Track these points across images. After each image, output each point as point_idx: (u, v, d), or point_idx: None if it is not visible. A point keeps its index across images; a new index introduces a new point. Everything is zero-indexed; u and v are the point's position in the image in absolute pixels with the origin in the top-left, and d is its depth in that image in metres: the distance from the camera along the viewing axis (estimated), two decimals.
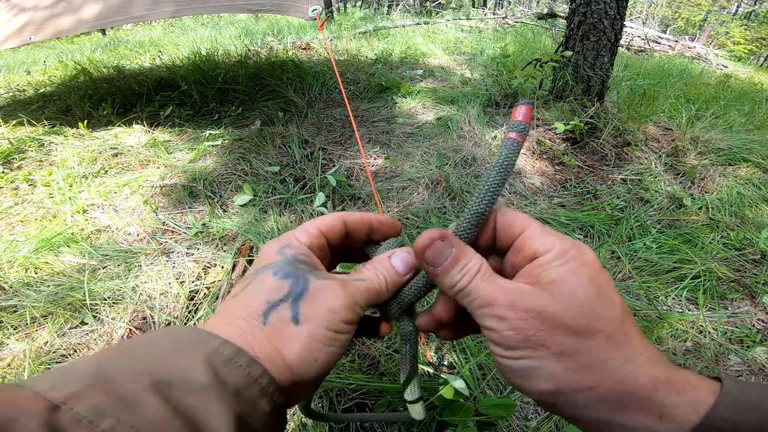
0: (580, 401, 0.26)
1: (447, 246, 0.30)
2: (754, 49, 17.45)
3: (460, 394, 0.86)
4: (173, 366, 0.23)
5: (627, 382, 0.26)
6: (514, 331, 0.26)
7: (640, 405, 0.25)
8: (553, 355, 0.26)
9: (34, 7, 2.01)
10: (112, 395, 0.20)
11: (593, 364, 0.26)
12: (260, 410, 0.25)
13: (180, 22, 7.11)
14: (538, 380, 0.27)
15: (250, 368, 0.25)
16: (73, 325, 1.13)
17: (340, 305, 0.29)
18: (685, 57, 6.12)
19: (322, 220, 0.35)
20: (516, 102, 0.29)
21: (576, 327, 0.26)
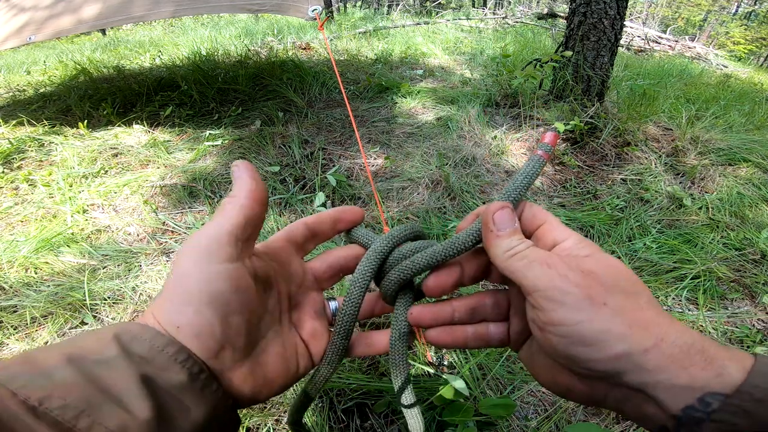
0: (649, 364, 0.25)
1: (513, 217, 0.32)
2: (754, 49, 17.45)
3: (460, 394, 0.86)
4: (86, 345, 0.26)
5: (685, 336, 0.26)
6: (578, 288, 0.27)
7: (699, 358, 0.25)
8: (615, 313, 0.26)
9: (33, 7, 2.01)
10: (28, 366, 0.23)
11: (649, 322, 0.26)
12: (173, 377, 0.26)
13: (180, 22, 7.11)
14: (608, 344, 0.26)
15: (154, 341, 0.26)
16: (73, 325, 1.13)
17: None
18: (685, 57, 6.12)
19: (285, 228, 0.38)
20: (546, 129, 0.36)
21: (626, 288, 0.27)
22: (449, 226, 1.53)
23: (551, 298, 0.27)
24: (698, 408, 0.24)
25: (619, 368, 0.26)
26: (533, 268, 0.28)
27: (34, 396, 0.21)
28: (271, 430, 0.87)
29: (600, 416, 0.96)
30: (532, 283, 0.28)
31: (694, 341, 0.26)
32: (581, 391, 0.30)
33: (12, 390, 0.21)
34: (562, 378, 0.31)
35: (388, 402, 0.91)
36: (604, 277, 0.27)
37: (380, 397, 0.93)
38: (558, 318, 0.27)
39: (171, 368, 0.26)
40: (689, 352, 0.26)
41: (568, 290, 0.27)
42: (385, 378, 0.97)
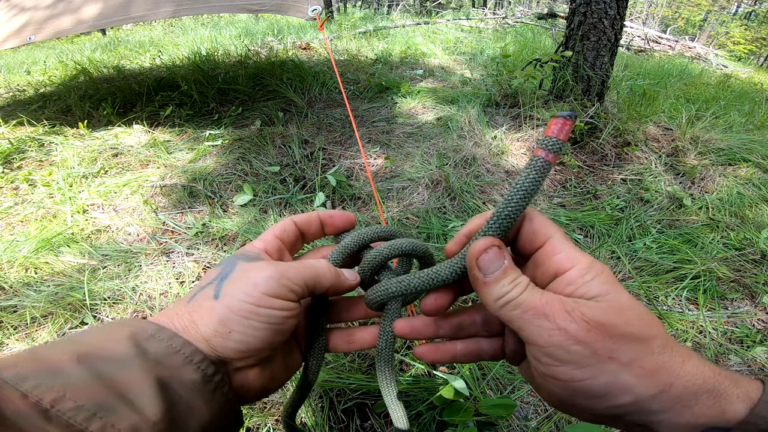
0: (654, 407, 0.25)
1: (500, 256, 0.28)
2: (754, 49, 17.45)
3: (460, 394, 0.86)
4: (98, 342, 0.25)
5: (695, 378, 0.25)
6: (581, 345, 0.25)
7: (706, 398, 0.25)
8: (623, 366, 0.25)
9: (33, 7, 2.01)
10: (38, 365, 0.23)
11: (659, 367, 0.25)
12: (187, 377, 0.26)
13: (180, 22, 7.11)
14: (614, 396, 0.25)
15: (171, 341, 0.27)
16: (73, 325, 1.13)
17: (263, 277, 0.29)
18: (685, 57, 6.12)
19: (277, 226, 0.37)
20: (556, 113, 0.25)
21: (636, 335, 0.25)
22: (449, 227, 1.53)
23: (551, 355, 0.26)
24: None
25: (624, 413, 0.26)
26: (529, 321, 0.26)
27: (46, 398, 0.21)
28: (271, 430, 0.87)
29: None
30: (529, 337, 0.26)
31: (705, 381, 0.25)
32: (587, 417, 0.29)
33: (23, 391, 0.21)
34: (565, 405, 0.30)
35: None
36: (612, 326, 0.25)
37: (380, 397, 0.93)
38: (559, 374, 0.26)
39: (185, 368, 0.26)
40: (697, 393, 0.25)
41: (569, 349, 0.25)
42: None
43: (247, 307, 0.28)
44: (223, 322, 0.28)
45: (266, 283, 0.29)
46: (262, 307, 0.28)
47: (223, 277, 0.30)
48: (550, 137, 0.26)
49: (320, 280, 0.33)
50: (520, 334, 0.27)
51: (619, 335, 0.25)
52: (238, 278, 0.29)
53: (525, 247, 0.31)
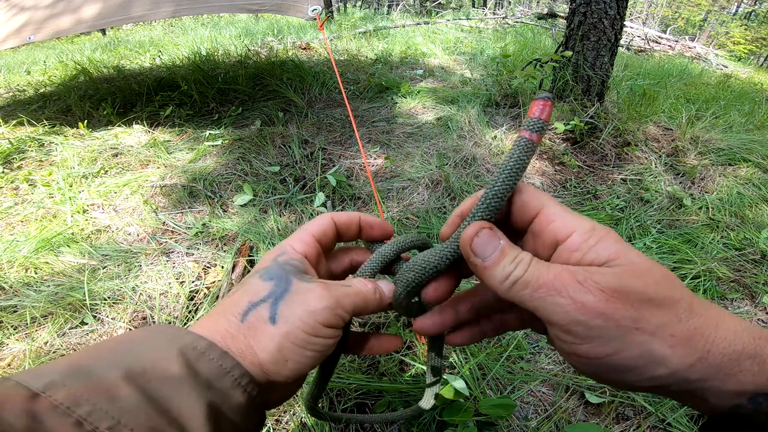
0: (693, 376, 0.23)
1: (494, 237, 0.27)
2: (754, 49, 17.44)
3: (460, 394, 0.86)
4: (148, 358, 0.24)
5: (733, 343, 0.23)
6: (601, 318, 0.23)
7: (750, 364, 0.23)
8: (652, 336, 0.23)
9: (33, 6, 2.01)
10: (89, 385, 0.21)
11: (692, 334, 0.23)
12: (234, 401, 0.26)
13: (180, 22, 7.11)
14: (649, 369, 0.23)
15: (222, 361, 0.26)
16: (73, 325, 1.13)
17: (321, 306, 0.28)
18: (685, 57, 6.12)
19: (314, 225, 0.35)
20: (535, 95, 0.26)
21: (659, 299, 0.23)
22: None
23: (572, 332, 0.24)
24: (747, 406, 0.23)
25: (663, 383, 0.24)
26: (542, 299, 0.24)
27: (102, 425, 0.20)
28: (271, 430, 0.87)
29: (600, 416, 0.96)
30: (545, 316, 0.25)
31: (745, 346, 0.23)
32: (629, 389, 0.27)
33: (77, 418, 0.20)
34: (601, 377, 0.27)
35: (388, 402, 0.91)
36: (631, 292, 0.23)
37: (380, 397, 0.93)
38: (584, 352, 0.24)
39: (234, 392, 0.26)
40: (738, 359, 0.23)
41: (590, 324, 0.23)
42: (385, 378, 0.97)
43: (305, 337, 0.28)
44: (281, 351, 0.27)
45: (324, 313, 0.28)
46: (318, 336, 0.28)
47: (278, 297, 0.29)
48: (532, 118, 0.26)
49: (367, 307, 0.32)
50: (537, 314, 0.25)
51: (640, 302, 0.23)
52: (295, 302, 0.29)
53: (519, 221, 0.29)
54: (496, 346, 1.09)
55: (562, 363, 1.07)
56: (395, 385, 0.93)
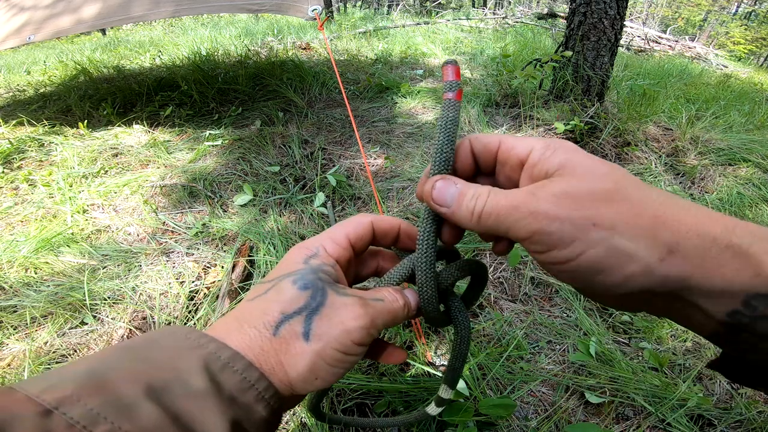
0: (671, 272, 0.22)
1: (450, 183, 0.28)
2: (754, 49, 17.45)
3: (460, 394, 0.86)
4: (170, 369, 0.23)
5: (702, 232, 0.22)
6: (557, 222, 0.23)
7: (730, 257, 0.22)
8: (611, 230, 0.23)
9: (33, 6, 2.01)
10: (106, 398, 0.20)
11: (654, 224, 0.23)
12: (257, 415, 0.25)
13: (180, 22, 7.11)
14: (620, 267, 0.23)
15: (246, 373, 0.25)
16: (73, 325, 1.13)
17: (357, 326, 0.27)
18: (685, 57, 6.12)
19: (352, 228, 0.33)
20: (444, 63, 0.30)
21: (609, 194, 0.23)
22: None
23: (537, 243, 0.24)
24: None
25: (643, 285, 0.23)
26: (505, 221, 0.25)
27: None
28: None
29: (600, 416, 0.96)
30: (514, 236, 0.26)
31: (716, 236, 0.22)
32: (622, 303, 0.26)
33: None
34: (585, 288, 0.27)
35: (387, 402, 0.91)
36: (579, 191, 0.23)
37: (380, 397, 0.93)
38: (555, 258, 0.24)
39: (257, 406, 0.25)
40: (714, 249, 0.22)
41: (549, 229, 0.23)
42: (385, 378, 0.97)
43: (338, 355, 0.27)
44: (313, 370, 0.26)
45: (358, 333, 0.27)
46: (349, 354, 0.28)
47: (313, 311, 0.27)
48: (447, 81, 0.30)
49: (395, 322, 0.32)
50: (511, 238, 0.27)
51: (592, 200, 0.23)
52: (330, 318, 0.27)
53: (486, 161, 0.30)
54: (496, 346, 1.09)
55: (562, 363, 1.07)
56: (395, 385, 0.93)
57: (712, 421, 0.94)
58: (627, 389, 0.98)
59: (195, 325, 1.13)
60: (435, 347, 1.08)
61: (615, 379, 1.01)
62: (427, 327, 1.12)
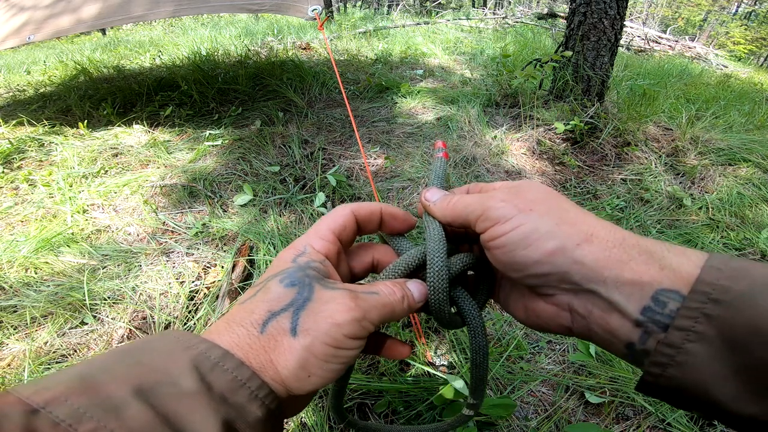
0: (586, 258, 0.26)
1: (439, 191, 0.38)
2: (754, 49, 17.44)
3: (460, 394, 0.86)
4: (159, 370, 0.23)
5: (615, 232, 0.27)
6: (505, 202, 0.30)
7: (638, 254, 0.26)
8: (541, 216, 0.28)
9: (33, 6, 2.01)
10: (94, 399, 0.20)
11: (576, 220, 0.28)
12: (251, 415, 0.24)
13: (180, 22, 7.11)
14: (540, 242, 0.28)
15: (237, 372, 0.25)
16: (73, 325, 1.13)
17: (346, 319, 0.27)
18: (685, 57, 6.12)
19: (334, 220, 0.34)
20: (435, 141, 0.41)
21: (548, 198, 0.30)
22: None
23: (487, 217, 0.30)
24: (656, 309, 0.24)
25: (560, 266, 0.27)
26: (469, 203, 0.32)
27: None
28: None
29: (600, 416, 0.96)
30: (473, 214, 0.31)
31: (625, 236, 0.27)
32: (549, 315, 0.30)
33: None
34: (532, 305, 0.32)
35: (387, 402, 0.91)
36: (528, 192, 0.31)
37: (380, 397, 0.93)
38: (495, 232, 0.30)
39: (250, 405, 0.25)
40: (623, 246, 0.26)
41: (497, 206, 0.30)
42: (385, 378, 0.97)
43: (328, 350, 0.26)
44: (304, 366, 0.26)
45: (349, 326, 0.27)
46: (342, 349, 0.27)
47: (300, 307, 0.27)
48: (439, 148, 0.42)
49: (394, 317, 0.31)
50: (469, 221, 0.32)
51: (535, 198, 0.30)
52: (318, 313, 0.27)
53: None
54: (496, 346, 1.09)
55: (562, 363, 1.07)
56: (395, 385, 0.93)
57: (712, 421, 0.94)
58: (627, 389, 0.98)
59: (195, 325, 1.13)
60: (435, 347, 1.08)
61: (615, 379, 1.01)
62: (428, 327, 1.12)
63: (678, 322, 0.23)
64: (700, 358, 0.23)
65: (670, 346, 0.23)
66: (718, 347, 0.22)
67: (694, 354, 0.23)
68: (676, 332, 0.23)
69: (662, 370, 0.24)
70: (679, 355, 0.23)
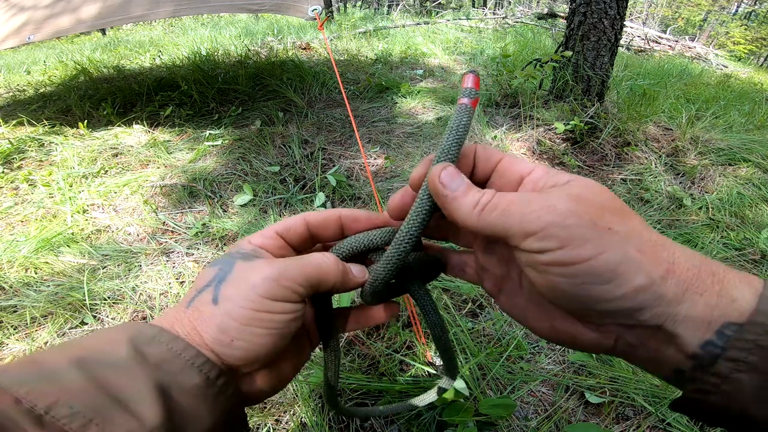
0: (668, 292, 0.22)
1: (459, 174, 0.28)
2: (754, 49, 17.44)
3: (460, 394, 0.86)
4: (97, 348, 0.25)
5: (692, 257, 0.23)
6: (575, 217, 0.22)
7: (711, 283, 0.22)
8: (625, 239, 0.22)
9: (33, 6, 2.01)
10: (33, 369, 0.22)
11: (656, 243, 0.23)
12: (188, 381, 0.25)
13: (180, 22, 7.11)
14: (627, 276, 0.22)
15: (172, 344, 0.26)
16: (73, 325, 1.13)
17: (261, 278, 0.27)
18: (685, 57, 6.12)
19: (280, 222, 0.34)
20: (466, 72, 0.31)
21: (616, 208, 0.23)
22: None
23: (549, 237, 0.22)
24: (717, 343, 0.22)
25: (639, 304, 0.22)
26: (513, 215, 0.24)
27: (40, 403, 0.20)
28: (271, 430, 0.87)
29: (600, 416, 0.96)
30: (519, 230, 0.23)
31: (701, 262, 0.23)
32: (588, 338, 0.26)
33: (16, 396, 0.20)
34: (566, 327, 0.27)
35: (387, 402, 0.91)
36: (595, 200, 0.23)
37: (380, 397, 0.93)
38: (563, 257, 0.22)
39: (187, 372, 0.25)
40: (700, 275, 0.22)
41: (565, 223, 0.22)
42: (385, 378, 0.97)
43: (246, 313, 0.26)
44: (224, 330, 0.26)
45: (264, 284, 0.27)
46: (262, 311, 0.26)
47: (221, 279, 0.28)
48: (468, 87, 0.30)
49: (325, 278, 0.30)
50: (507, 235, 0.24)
51: (602, 208, 0.23)
52: (237, 280, 0.28)
53: (483, 171, 0.31)
54: (496, 346, 1.09)
55: (562, 363, 1.07)
56: (395, 385, 0.93)
57: None
58: (627, 389, 0.98)
59: None
60: (434, 347, 1.08)
61: (615, 379, 1.01)
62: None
63: (730, 353, 0.21)
64: (747, 388, 0.21)
65: (717, 376, 0.22)
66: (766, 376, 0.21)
67: (741, 383, 0.21)
68: (727, 363, 0.21)
69: (704, 397, 0.23)
70: (725, 384, 0.22)
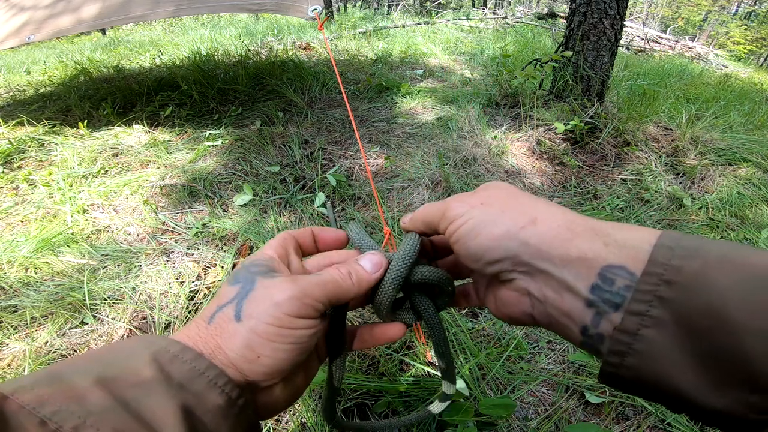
0: (531, 239, 0.27)
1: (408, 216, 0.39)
2: (754, 49, 17.44)
3: (460, 394, 0.86)
4: (121, 365, 0.25)
5: (566, 214, 0.28)
6: (460, 203, 0.32)
7: (583, 231, 0.26)
8: (488, 207, 0.31)
9: (33, 6, 2.01)
10: (57, 389, 0.22)
11: (523, 206, 0.30)
12: (211, 402, 0.25)
13: (180, 22, 7.11)
14: (487, 229, 0.29)
15: (195, 363, 0.26)
16: (73, 325, 1.13)
17: (285, 297, 0.28)
18: (685, 57, 6.12)
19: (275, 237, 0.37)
20: None
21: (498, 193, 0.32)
22: None
23: (445, 217, 0.32)
24: (604, 287, 0.24)
25: (509, 249, 0.28)
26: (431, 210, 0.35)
27: (66, 425, 0.20)
28: (271, 430, 0.87)
29: (600, 416, 0.96)
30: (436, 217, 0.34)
31: (575, 219, 0.28)
32: (512, 302, 0.31)
33: (42, 417, 0.20)
34: (499, 294, 0.33)
35: (387, 402, 0.91)
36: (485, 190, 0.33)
37: (380, 397, 0.93)
38: (451, 229, 0.32)
39: (210, 393, 0.26)
40: (570, 226, 0.27)
41: (452, 206, 0.32)
42: (385, 378, 0.97)
43: (271, 329, 0.27)
44: (250, 346, 0.27)
45: (289, 303, 0.28)
46: (287, 328, 0.28)
47: (243, 296, 0.29)
48: None
49: (343, 294, 0.32)
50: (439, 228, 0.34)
51: (488, 195, 0.32)
52: (260, 298, 0.29)
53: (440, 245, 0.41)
54: (496, 346, 1.09)
55: (562, 363, 1.07)
56: (395, 385, 0.93)
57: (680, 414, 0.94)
58: None
59: None
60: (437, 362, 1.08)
61: None
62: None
63: (631, 306, 0.22)
64: (658, 346, 0.21)
65: (626, 333, 0.22)
66: (675, 333, 0.21)
67: (651, 341, 0.21)
68: (631, 317, 0.22)
69: (621, 359, 0.23)
70: (636, 342, 0.22)
